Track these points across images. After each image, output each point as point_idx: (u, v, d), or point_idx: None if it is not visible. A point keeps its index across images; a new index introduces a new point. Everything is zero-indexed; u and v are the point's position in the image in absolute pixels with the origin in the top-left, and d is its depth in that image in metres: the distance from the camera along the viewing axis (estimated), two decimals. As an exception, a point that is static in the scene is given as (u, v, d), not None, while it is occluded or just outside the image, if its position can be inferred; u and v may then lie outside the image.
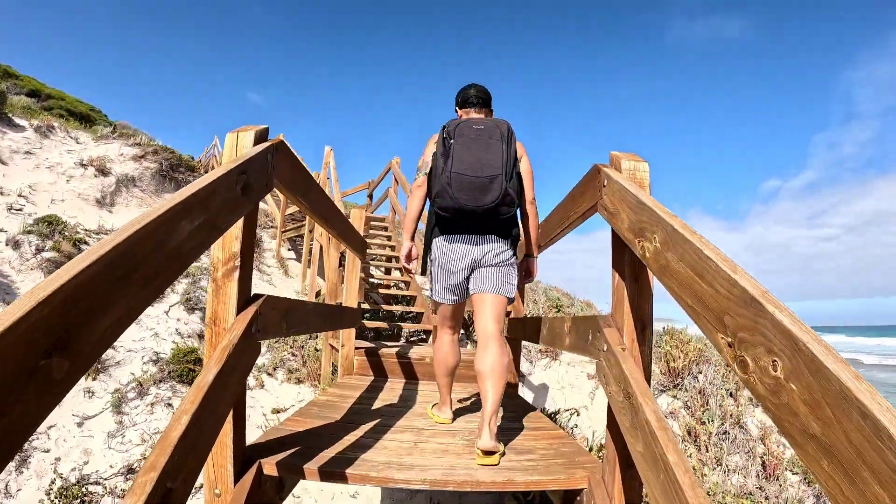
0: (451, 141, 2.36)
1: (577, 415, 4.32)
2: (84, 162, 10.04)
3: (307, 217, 9.84)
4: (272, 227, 11.96)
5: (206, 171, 19.18)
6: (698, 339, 6.39)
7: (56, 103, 13.32)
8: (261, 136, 1.75)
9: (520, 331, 3.49)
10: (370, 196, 11.45)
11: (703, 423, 5.52)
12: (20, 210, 8.29)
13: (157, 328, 5.67)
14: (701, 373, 5.77)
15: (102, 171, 10.09)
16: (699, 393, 5.65)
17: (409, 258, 2.69)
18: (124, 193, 10.17)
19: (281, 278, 9.73)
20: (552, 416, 3.90)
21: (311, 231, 9.16)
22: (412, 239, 2.66)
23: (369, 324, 5.72)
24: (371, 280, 8.05)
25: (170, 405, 4.59)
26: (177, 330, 5.69)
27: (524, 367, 5.89)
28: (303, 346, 5.92)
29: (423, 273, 2.74)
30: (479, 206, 2.27)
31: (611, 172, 1.78)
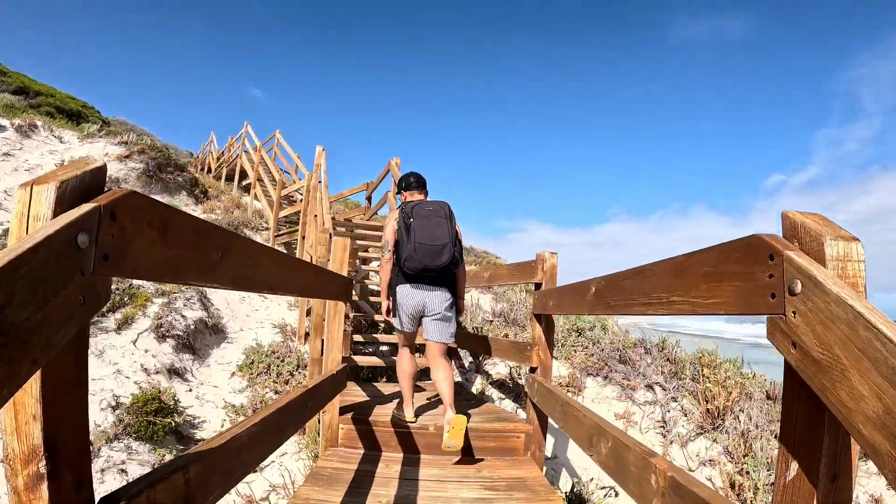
0: (411, 220, 3.12)
1: (615, 495, 3.41)
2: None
3: (300, 220, 8.85)
4: (266, 228, 10.97)
5: (202, 168, 18.17)
6: (735, 369, 5.47)
7: (44, 100, 12.33)
8: (77, 192, 0.82)
9: (553, 407, 2.56)
10: (369, 199, 10.48)
11: (748, 472, 4.63)
12: (-12, 218, 7.35)
13: (121, 363, 4.76)
14: (743, 411, 4.86)
15: (85, 173, 9.15)
16: (742, 436, 4.75)
17: (388, 312, 3.42)
18: (108, 197, 9.24)
19: (274, 287, 8.81)
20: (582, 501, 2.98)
21: (304, 237, 8.21)
22: (388, 297, 3.38)
23: (362, 360, 4.78)
24: (367, 286, 7.13)
25: (123, 471, 3.69)
26: (142, 365, 4.77)
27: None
28: (288, 381, 5.01)
29: (388, 314, 3.45)
30: (436, 266, 3.06)
31: (811, 268, 0.82)
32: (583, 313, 2.15)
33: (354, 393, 3.98)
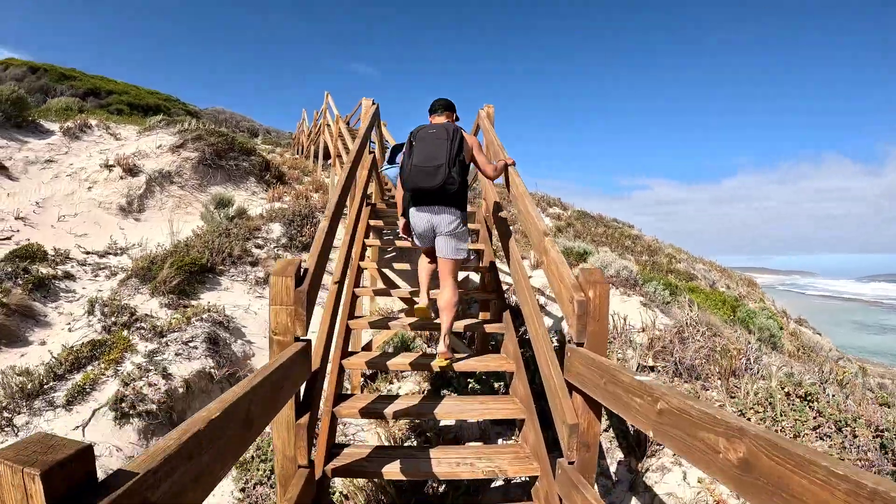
0: (414, 142, 3.20)
1: None
2: (110, 163, 7.71)
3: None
4: (345, 214, 8.91)
5: (298, 149, 16.80)
6: None
7: (116, 98, 11.37)
8: None
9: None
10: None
11: None
12: (8, 239, 6.04)
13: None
14: None
15: (130, 171, 7.70)
16: None
17: (405, 230, 3.42)
18: (158, 194, 7.73)
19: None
20: None
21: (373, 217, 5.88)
22: (403, 216, 3.38)
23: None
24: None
25: None
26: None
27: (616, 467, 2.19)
28: None
29: (404, 231, 3.47)
30: (430, 186, 3.05)
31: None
32: None
33: None
